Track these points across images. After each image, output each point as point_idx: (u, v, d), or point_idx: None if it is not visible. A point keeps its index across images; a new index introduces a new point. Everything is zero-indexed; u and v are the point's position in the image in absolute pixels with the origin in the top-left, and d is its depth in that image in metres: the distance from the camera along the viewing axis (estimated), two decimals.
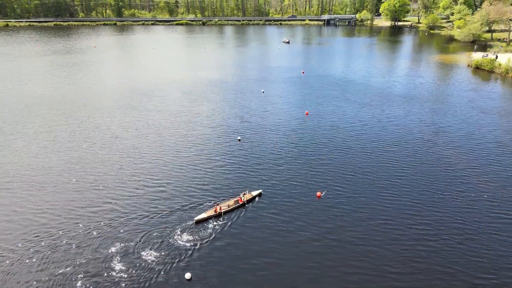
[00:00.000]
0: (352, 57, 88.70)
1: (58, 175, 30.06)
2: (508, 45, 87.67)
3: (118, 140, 37.01)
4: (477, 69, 69.28)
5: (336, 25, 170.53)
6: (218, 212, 24.72)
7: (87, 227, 23.38)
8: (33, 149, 34.92)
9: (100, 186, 28.37)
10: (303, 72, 69.13)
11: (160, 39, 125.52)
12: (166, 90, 56.21)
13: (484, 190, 27.65)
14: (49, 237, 22.45)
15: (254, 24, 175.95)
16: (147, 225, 23.55)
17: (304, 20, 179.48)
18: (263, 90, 55.70)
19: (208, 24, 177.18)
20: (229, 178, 29.64)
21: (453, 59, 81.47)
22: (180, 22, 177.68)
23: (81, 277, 19.41)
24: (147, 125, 41.17)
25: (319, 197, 26.73)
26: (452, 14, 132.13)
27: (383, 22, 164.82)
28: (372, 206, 25.67)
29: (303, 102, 49.95)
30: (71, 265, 20.20)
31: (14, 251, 21.36)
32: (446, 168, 31.06)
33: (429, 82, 61.07)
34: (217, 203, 25.55)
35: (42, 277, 19.45)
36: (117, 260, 20.54)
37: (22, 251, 21.32)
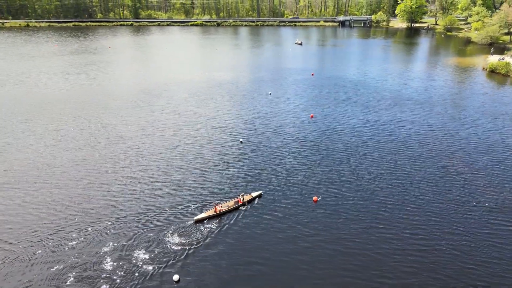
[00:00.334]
0: (365, 59, 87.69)
1: (62, 174, 30.82)
2: None
3: (123, 140, 37.67)
4: (492, 73, 67.51)
5: (351, 27, 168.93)
6: (218, 212, 25.03)
7: (87, 226, 23.90)
8: (40, 147, 35.89)
9: (102, 185, 28.96)
10: (313, 74, 68.79)
11: (174, 40, 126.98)
12: (174, 91, 56.86)
13: (486, 198, 26.98)
14: (47, 234, 23.08)
15: (269, 25, 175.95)
16: (147, 224, 23.95)
17: (319, 22, 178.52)
18: (270, 92, 55.72)
19: (223, 25, 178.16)
20: (230, 179, 29.88)
21: (469, 62, 79.65)
22: (195, 23, 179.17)
23: (78, 274, 19.89)
24: (152, 125, 41.76)
25: (316, 202, 26.60)
26: (470, 16, 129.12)
27: (399, 24, 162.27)
28: (372, 211, 25.39)
29: (309, 105, 49.73)
30: (67, 262, 20.72)
31: (12, 245, 22.03)
32: (449, 175, 30.43)
33: (440, 86, 59.88)
34: (217, 203, 25.87)
35: (35, 272, 20.03)
36: (117, 259, 20.94)
37: (19, 246, 21.97)
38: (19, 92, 55.71)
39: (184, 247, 21.96)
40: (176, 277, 19.50)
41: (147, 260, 20.88)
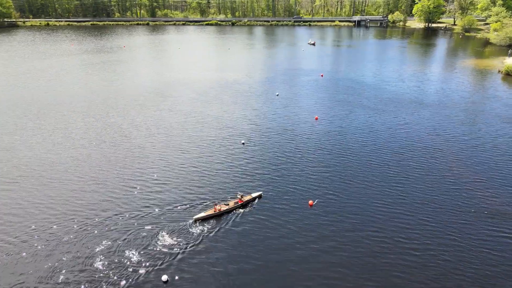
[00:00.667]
0: (378, 61, 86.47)
1: (66, 172, 31.67)
2: None
3: (127, 139, 38.39)
4: (508, 76, 65.56)
5: (367, 27, 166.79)
6: (217, 212, 25.34)
7: (86, 224, 24.52)
8: (47, 145, 36.95)
9: (104, 183, 29.64)
10: (322, 76, 68.35)
11: (188, 39, 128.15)
12: (182, 91, 57.48)
13: (486, 206, 26.37)
14: (46, 231, 23.79)
15: (283, 25, 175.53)
16: (147, 222, 24.50)
17: (334, 21, 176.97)
18: (278, 93, 55.68)
19: (238, 25, 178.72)
20: (230, 180, 30.22)
21: (486, 64, 77.61)
22: (210, 22, 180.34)
23: (76, 272, 20.46)
24: (157, 125, 42.39)
25: (311, 206, 26.53)
26: (490, 16, 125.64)
27: (416, 24, 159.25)
28: (371, 214, 25.19)
29: (315, 107, 49.49)
30: (65, 259, 21.33)
31: (10, 242, 22.80)
32: (450, 180, 29.84)
33: (452, 88, 58.59)
34: (217, 203, 26.21)
35: (30, 269, 20.69)
36: (115, 258, 21.42)
37: (17, 242, 22.72)
38: (32, 91, 57.37)
39: (182, 245, 22.34)
40: (165, 278, 19.76)
41: (145, 258, 21.26)
